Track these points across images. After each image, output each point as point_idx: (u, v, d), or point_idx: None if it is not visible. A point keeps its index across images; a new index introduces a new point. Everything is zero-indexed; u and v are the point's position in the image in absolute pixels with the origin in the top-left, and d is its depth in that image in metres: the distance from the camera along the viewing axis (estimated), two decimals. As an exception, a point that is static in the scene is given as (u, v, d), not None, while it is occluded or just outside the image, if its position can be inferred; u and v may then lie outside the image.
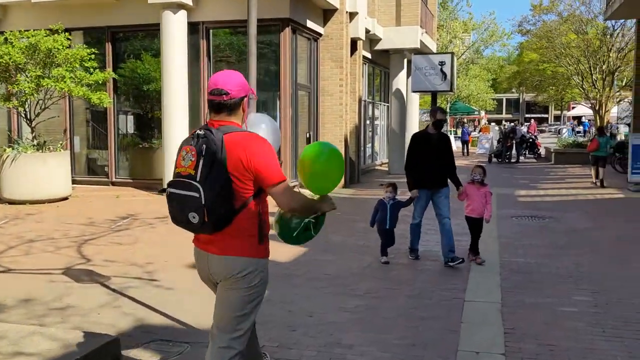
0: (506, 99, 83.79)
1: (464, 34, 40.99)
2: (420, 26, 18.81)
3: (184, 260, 7.02)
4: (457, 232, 7.78)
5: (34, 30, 11.45)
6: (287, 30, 12.47)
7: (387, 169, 20.14)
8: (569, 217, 10.56)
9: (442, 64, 17.35)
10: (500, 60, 56.20)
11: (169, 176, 12.63)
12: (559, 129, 43.51)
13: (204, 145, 2.75)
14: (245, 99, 2.93)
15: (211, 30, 13.20)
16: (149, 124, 14.41)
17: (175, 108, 12.64)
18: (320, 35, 14.36)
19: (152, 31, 13.42)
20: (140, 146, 14.34)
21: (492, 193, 8.02)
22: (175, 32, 12.52)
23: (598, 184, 15.64)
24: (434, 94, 18.18)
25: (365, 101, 18.66)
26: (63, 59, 11.26)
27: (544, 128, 67.25)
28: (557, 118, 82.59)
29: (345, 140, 14.79)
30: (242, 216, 2.83)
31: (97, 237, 8.42)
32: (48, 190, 11.26)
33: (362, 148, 17.22)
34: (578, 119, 62.85)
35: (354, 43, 15.47)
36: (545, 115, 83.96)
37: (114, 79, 13.60)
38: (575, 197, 13.54)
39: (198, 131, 2.83)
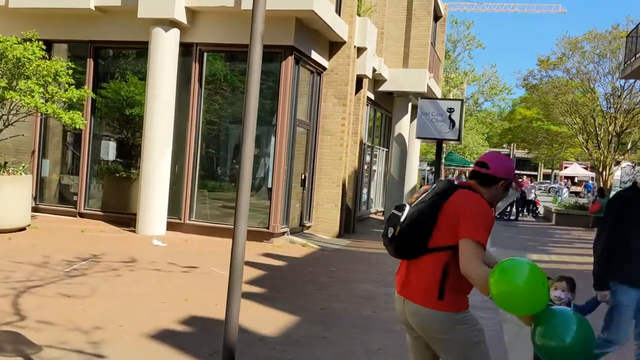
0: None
1: (462, 85, 40.42)
2: (429, 70, 17.79)
3: (144, 325, 5.52)
4: None
5: (5, 37, 10.11)
6: (290, 59, 11.26)
7: (382, 218, 18.77)
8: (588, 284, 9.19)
9: (450, 110, 16.23)
10: (494, 115, 55.93)
11: (144, 211, 11.17)
12: (557, 189, 42.60)
13: (437, 185, 3.06)
14: (504, 182, 3.08)
15: (205, 54, 11.96)
16: (129, 152, 12.99)
17: (159, 136, 11.27)
18: (325, 69, 13.18)
19: (140, 49, 12.15)
20: (117, 175, 12.89)
21: (505, 255, 6.60)
22: (165, 52, 11.26)
23: None
24: (440, 142, 17.01)
25: (364, 145, 17.43)
26: (34, 71, 9.91)
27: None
28: (546, 176, 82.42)
29: (343, 185, 13.45)
30: (431, 260, 2.92)
31: (44, 284, 6.89)
32: (0, 219, 9.73)
33: (358, 194, 15.90)
34: (571, 179, 62.36)
35: (359, 81, 14.31)
36: (535, 173, 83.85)
37: (93, 99, 12.26)
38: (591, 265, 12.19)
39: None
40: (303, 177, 12.64)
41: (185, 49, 11.81)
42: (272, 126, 11.55)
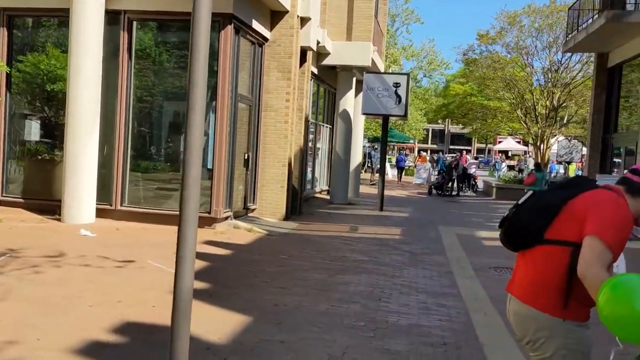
0: (432, 129, 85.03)
1: (400, 60, 40.19)
2: (372, 43, 17.17)
3: (68, 337, 4.68)
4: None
5: None
6: (230, 29, 10.35)
7: (328, 197, 18.21)
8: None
9: (397, 85, 15.72)
10: (431, 91, 56.34)
11: (70, 197, 10.09)
12: (495, 163, 43.39)
13: (573, 178, 3.00)
14: None
15: (135, 22, 10.86)
16: (53, 132, 11.77)
17: (84, 115, 10.15)
18: (267, 40, 12.32)
19: (62, 18, 10.89)
20: (39, 158, 11.68)
21: (457, 234, 6.14)
22: (88, 21, 10.10)
23: None
24: (386, 118, 16.51)
25: (309, 122, 16.71)
26: None
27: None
28: (480, 151, 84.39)
29: (289, 165, 12.73)
30: (545, 252, 2.62)
31: (-54, 288, 5.88)
32: None
33: (304, 174, 15.23)
34: (505, 152, 63.88)
35: (303, 53, 13.53)
36: (469, 148, 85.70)
37: (7, 73, 10.96)
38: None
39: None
40: (246, 157, 11.83)
41: (112, 18, 10.68)
42: (211, 102, 10.65)
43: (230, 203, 11.04)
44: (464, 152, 53.41)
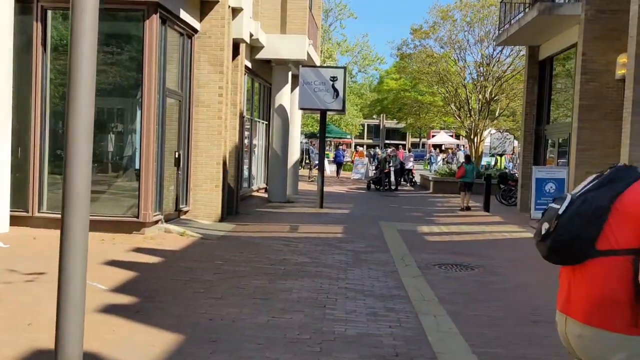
0: (367, 124, 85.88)
1: (334, 55, 40.00)
2: (308, 36, 16.71)
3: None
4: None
5: None
6: (155, 18, 9.61)
7: (266, 195, 17.65)
8: (498, 265, 8.78)
9: (334, 79, 15.34)
10: (366, 86, 56.66)
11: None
12: (430, 157, 43.96)
13: (611, 171, 2.36)
14: None
15: (49, 12, 9.93)
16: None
17: (-7, 112, 9.18)
18: (197, 31, 11.62)
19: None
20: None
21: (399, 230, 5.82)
22: (-4, 8, 9.13)
23: (465, 207, 16.80)
24: (324, 113, 16.10)
25: (244, 118, 16.09)
26: None
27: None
28: (414, 145, 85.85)
29: (224, 163, 12.10)
30: (604, 266, 2.25)
31: None
32: None
33: (240, 172, 14.61)
34: (439, 146, 65.08)
35: (235, 46, 12.90)
36: (404, 142, 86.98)
37: None
38: (484, 236, 12.02)
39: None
40: (177, 156, 11.11)
41: (24, 7, 9.72)
42: (137, 98, 9.89)
43: (161, 206, 10.32)
44: (401, 147, 54.04)
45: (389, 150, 30.15)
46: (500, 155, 31.25)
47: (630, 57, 10.99)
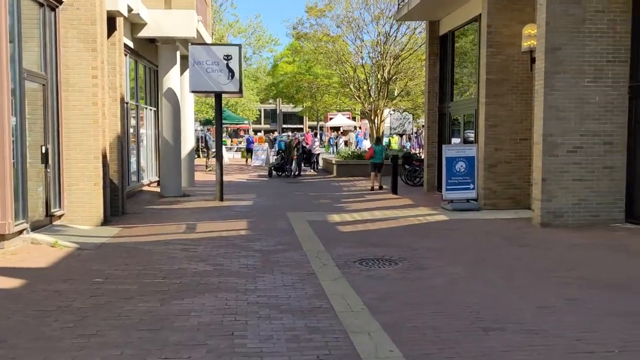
0: (264, 109, 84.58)
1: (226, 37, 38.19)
2: (196, 12, 15.11)
3: None
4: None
5: None
6: (1, -17, 7.77)
7: (158, 190, 15.95)
8: (421, 256, 7.93)
9: (228, 58, 13.89)
10: (259, 70, 55.18)
11: None
12: (329, 139, 43.39)
13: None
14: None
15: None
16: None
17: None
18: (61, 2, 9.78)
19: None
20: None
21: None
22: None
23: (376, 188, 17.22)
24: (219, 96, 14.63)
25: (127, 104, 14.29)
26: None
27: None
28: (312, 128, 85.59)
29: (104, 156, 10.41)
30: None
31: None
32: None
33: (125, 166, 12.89)
34: (337, 129, 64.96)
35: (112, 20, 11.15)
36: (301, 126, 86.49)
37: None
38: (398, 222, 11.22)
39: None
40: (44, 151, 9.30)
41: None
42: (-15, 81, 8.01)
43: (26, 212, 8.53)
44: (309, 131, 53.16)
45: (298, 134, 29.15)
46: (400, 135, 31.19)
47: (540, 26, 10.52)
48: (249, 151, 30.32)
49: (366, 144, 32.56)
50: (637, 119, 10.42)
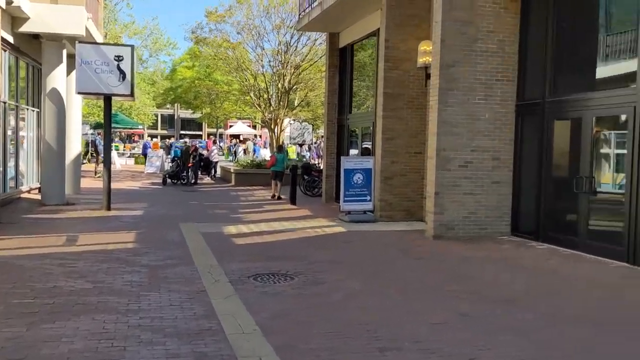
0: (161, 114, 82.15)
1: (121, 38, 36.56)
2: (86, 9, 14.17)
3: None
4: None
5: None
6: None
7: (39, 197, 14.74)
8: (318, 270, 7.76)
9: (119, 59, 13.10)
10: (159, 74, 53.44)
11: None
12: (230, 147, 42.64)
13: None
14: None
15: None
16: None
17: None
18: None
19: None
20: None
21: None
22: None
23: (276, 196, 17.24)
24: (108, 98, 13.75)
25: (5, 103, 13.11)
26: None
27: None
28: (212, 135, 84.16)
29: (-28, 161, 9.38)
30: None
31: None
32: None
33: (1, 169, 11.75)
34: (237, 137, 64.19)
35: (-15, 11, 10.14)
36: (200, 132, 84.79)
37: None
38: (296, 234, 11.03)
39: None
40: None
41: None
42: None
43: None
44: (210, 138, 51.89)
45: (195, 141, 28.28)
46: (300, 145, 31.21)
47: (435, 43, 10.77)
48: (146, 157, 29.09)
49: (264, 153, 32.36)
50: (523, 136, 10.93)
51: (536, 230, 10.43)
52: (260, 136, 55.51)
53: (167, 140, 47.24)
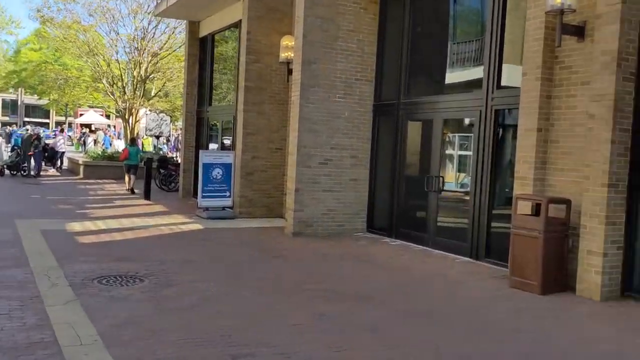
0: (3, 99, 75.03)
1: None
2: None
3: None
4: None
5: None
6: None
7: None
8: (171, 271, 7.32)
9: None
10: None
11: None
12: (80, 136, 39.75)
13: None
14: None
15: None
16: None
17: None
18: None
19: None
20: None
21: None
22: None
23: (129, 191, 16.63)
24: None
25: None
26: None
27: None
28: (60, 124, 78.39)
29: None
30: None
31: None
32: None
33: None
34: (88, 126, 60.18)
35: None
36: (47, 121, 78.63)
37: None
38: (149, 232, 10.42)
39: None
40: None
41: None
42: None
43: None
44: (61, 127, 47.97)
45: (38, 129, 25.87)
46: (157, 138, 29.91)
47: (297, 38, 10.70)
48: None
49: (118, 145, 30.63)
50: (379, 136, 11.23)
51: (390, 227, 10.78)
52: (115, 126, 52.49)
53: (8, 127, 43.06)
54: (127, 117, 25.75)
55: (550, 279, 6.97)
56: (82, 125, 60.69)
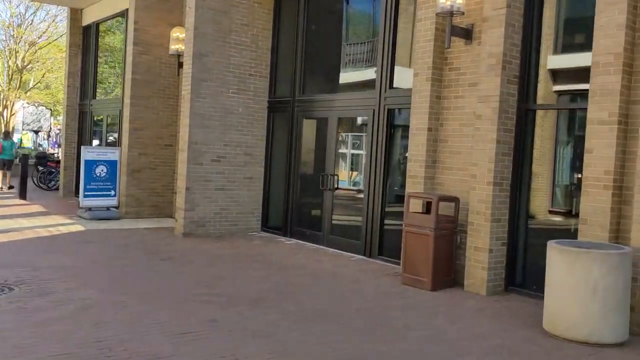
0: None
1: None
2: None
3: None
4: None
5: None
6: None
7: None
8: (47, 278, 6.70)
9: None
10: None
11: None
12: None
13: None
14: None
15: None
16: None
17: None
18: None
19: None
20: None
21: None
22: None
23: (5, 188, 16.17)
24: None
25: None
26: None
27: None
28: None
29: None
30: None
31: None
32: None
33: None
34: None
35: None
36: None
37: None
38: (23, 234, 9.56)
39: None
40: None
41: None
42: None
43: None
44: None
45: None
46: (36, 132, 27.84)
47: (188, 30, 10.25)
48: None
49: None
50: (274, 133, 11.04)
51: (285, 226, 10.63)
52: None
53: None
54: (1, 109, 23.69)
55: (440, 275, 7.13)
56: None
